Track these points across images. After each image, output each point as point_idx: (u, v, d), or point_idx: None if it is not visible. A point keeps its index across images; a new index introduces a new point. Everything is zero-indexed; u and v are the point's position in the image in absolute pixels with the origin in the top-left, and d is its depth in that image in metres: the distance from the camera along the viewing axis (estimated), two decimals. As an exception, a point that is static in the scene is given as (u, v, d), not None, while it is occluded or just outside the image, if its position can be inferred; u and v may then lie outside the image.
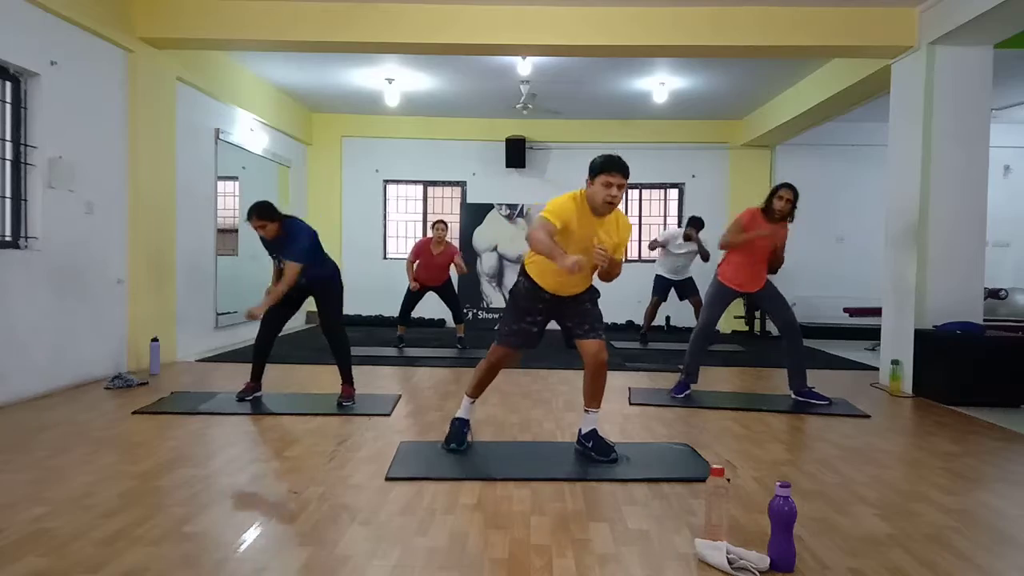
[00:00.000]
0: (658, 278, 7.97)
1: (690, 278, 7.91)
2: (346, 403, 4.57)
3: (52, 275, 4.83)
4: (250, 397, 4.58)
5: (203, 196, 6.93)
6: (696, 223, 7.72)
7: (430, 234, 7.20)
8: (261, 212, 4.32)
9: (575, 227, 3.20)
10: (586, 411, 3.46)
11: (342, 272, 4.83)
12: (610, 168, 3.16)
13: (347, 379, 4.68)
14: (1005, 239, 9.49)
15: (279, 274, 4.55)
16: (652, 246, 8.11)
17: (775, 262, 4.86)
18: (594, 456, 3.38)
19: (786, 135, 9.23)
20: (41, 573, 2.13)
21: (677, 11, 5.66)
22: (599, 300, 3.50)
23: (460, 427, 3.55)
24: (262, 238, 4.48)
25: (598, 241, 3.18)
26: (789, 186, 4.76)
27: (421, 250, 7.12)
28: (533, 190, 10.04)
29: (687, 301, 7.96)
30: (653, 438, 3.92)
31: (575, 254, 3.05)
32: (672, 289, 7.94)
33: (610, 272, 3.29)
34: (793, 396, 4.90)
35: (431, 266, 7.11)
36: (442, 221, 7.14)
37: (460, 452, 3.46)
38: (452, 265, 7.17)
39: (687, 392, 4.96)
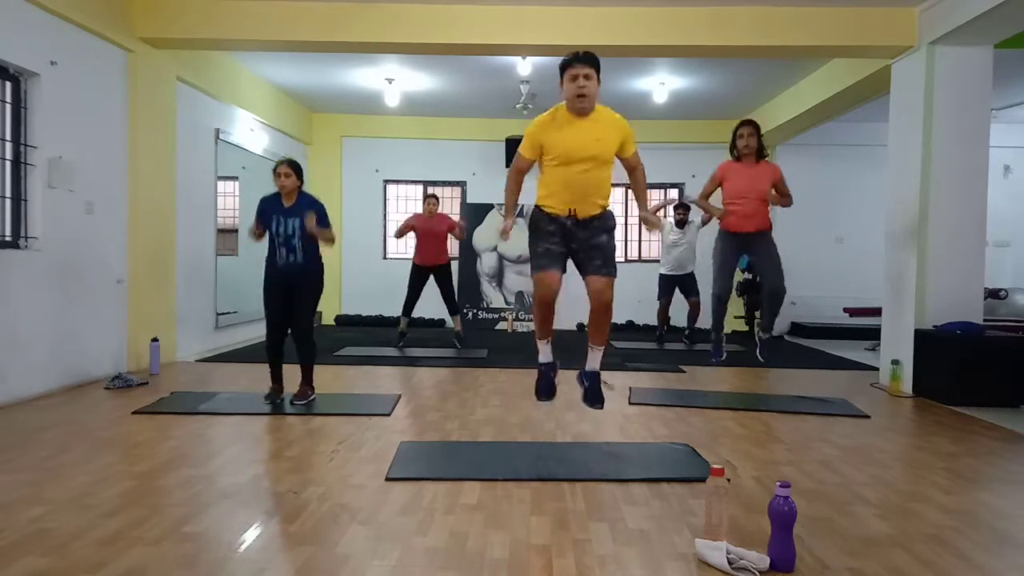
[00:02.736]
0: (661, 278, 7.95)
1: (691, 274, 7.88)
2: (299, 401, 4.49)
3: (52, 275, 4.83)
4: (278, 400, 4.53)
5: (203, 196, 6.93)
6: (683, 208, 7.73)
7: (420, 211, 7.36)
8: (293, 163, 4.47)
9: (556, 139, 3.28)
10: (591, 347, 3.49)
11: (341, 272, 4.84)
12: (570, 62, 3.24)
13: (309, 380, 4.62)
14: (1005, 239, 9.48)
15: (271, 240, 4.52)
16: (656, 208, 7.99)
17: (784, 201, 4.80)
18: (583, 398, 3.42)
19: (786, 135, 9.22)
20: (41, 573, 2.13)
21: (676, 11, 5.66)
22: (615, 229, 3.48)
23: (547, 371, 3.50)
24: (265, 204, 4.49)
25: (594, 139, 3.27)
26: (746, 121, 4.75)
27: (414, 223, 7.14)
28: (533, 190, 9.98)
29: (684, 304, 7.95)
30: (653, 438, 3.92)
31: (568, 163, 3.27)
32: (676, 289, 7.91)
33: (637, 187, 3.53)
34: (760, 359, 4.87)
35: (426, 234, 7.10)
36: (433, 195, 7.21)
37: (550, 401, 3.48)
38: (450, 234, 7.22)
39: (724, 354, 4.96)
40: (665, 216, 8.23)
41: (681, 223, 7.74)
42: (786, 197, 4.74)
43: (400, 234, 7.20)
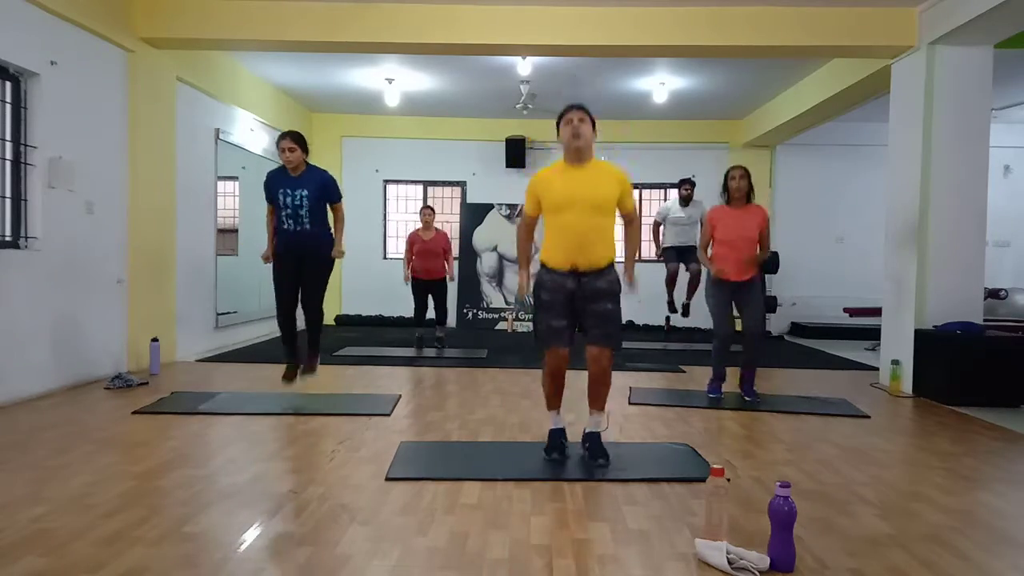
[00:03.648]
0: (667, 250, 7.83)
1: (694, 246, 7.76)
2: (309, 374, 4.60)
3: (52, 275, 4.83)
4: (295, 378, 4.59)
5: (203, 196, 6.93)
6: (688, 183, 7.66)
7: (418, 225, 7.35)
8: (297, 136, 4.40)
9: (552, 187, 3.31)
10: (591, 411, 3.47)
11: (341, 272, 4.85)
12: (564, 112, 3.34)
13: (316, 351, 4.65)
14: (1005, 239, 9.49)
15: (273, 217, 4.52)
16: (656, 228, 7.99)
17: (761, 255, 4.76)
18: (585, 457, 3.39)
19: (786, 135, 9.22)
20: (41, 573, 2.13)
21: (677, 11, 5.66)
22: (621, 295, 3.42)
23: (557, 436, 3.47)
24: (270, 179, 4.47)
25: (591, 186, 3.27)
26: (737, 166, 4.80)
27: (413, 241, 7.21)
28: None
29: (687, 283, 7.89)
30: (653, 438, 3.92)
31: (564, 209, 3.25)
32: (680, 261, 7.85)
33: (630, 239, 3.56)
34: (745, 399, 4.88)
35: (424, 252, 7.16)
36: (428, 207, 7.25)
37: (562, 460, 3.39)
38: (445, 262, 7.25)
39: (720, 393, 4.96)
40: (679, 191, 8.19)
41: (687, 199, 7.68)
42: (764, 249, 4.75)
43: (408, 263, 7.25)
